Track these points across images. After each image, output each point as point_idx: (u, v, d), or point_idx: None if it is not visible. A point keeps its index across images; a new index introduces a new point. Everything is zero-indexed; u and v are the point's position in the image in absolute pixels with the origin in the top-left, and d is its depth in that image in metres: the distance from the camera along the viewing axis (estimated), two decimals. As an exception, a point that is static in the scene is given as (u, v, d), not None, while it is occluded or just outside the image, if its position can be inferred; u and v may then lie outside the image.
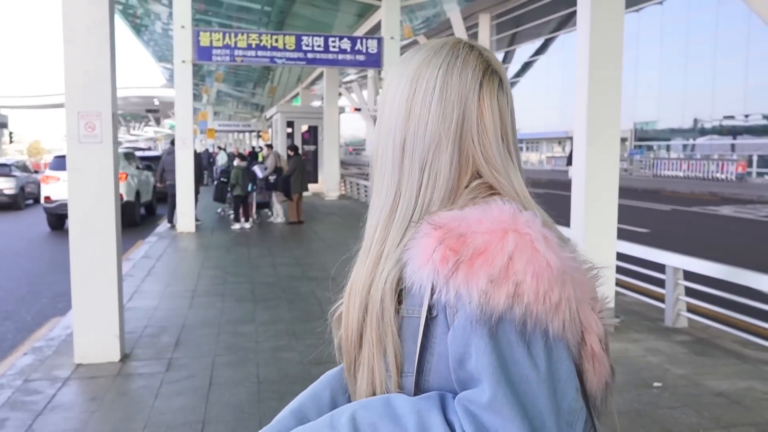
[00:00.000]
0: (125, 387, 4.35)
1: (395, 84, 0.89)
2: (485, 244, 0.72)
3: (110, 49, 4.73)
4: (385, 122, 0.90)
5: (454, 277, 0.72)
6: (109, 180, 4.79)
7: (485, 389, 0.70)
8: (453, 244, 0.73)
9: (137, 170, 15.08)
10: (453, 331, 0.73)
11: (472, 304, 0.71)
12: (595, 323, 0.77)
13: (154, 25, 21.17)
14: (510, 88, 0.91)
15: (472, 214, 0.76)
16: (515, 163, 0.88)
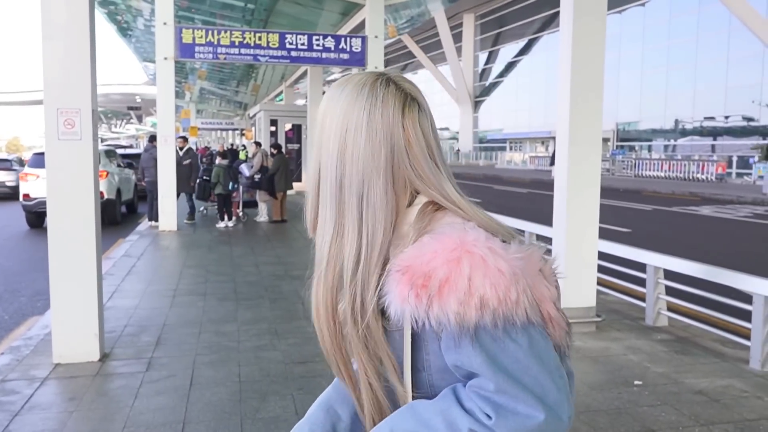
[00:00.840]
0: (104, 387, 4.30)
1: (328, 122, 1.00)
2: (447, 274, 0.85)
3: (90, 45, 4.67)
4: (323, 158, 1.01)
5: (430, 309, 0.85)
6: (89, 178, 4.73)
7: (489, 380, 0.85)
8: (421, 282, 0.86)
9: (118, 168, 14.89)
10: (444, 346, 0.89)
11: (451, 325, 0.85)
12: (547, 290, 0.92)
13: (136, 21, 20.97)
14: (428, 106, 1.04)
15: (428, 248, 0.89)
16: (444, 174, 1.00)
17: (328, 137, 1.00)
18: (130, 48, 26.54)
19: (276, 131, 22.13)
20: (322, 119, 1.02)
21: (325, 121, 1.01)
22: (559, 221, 5.61)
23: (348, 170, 0.97)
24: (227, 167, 12.88)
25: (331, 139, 0.99)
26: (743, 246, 10.84)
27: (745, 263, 7.81)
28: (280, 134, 21.99)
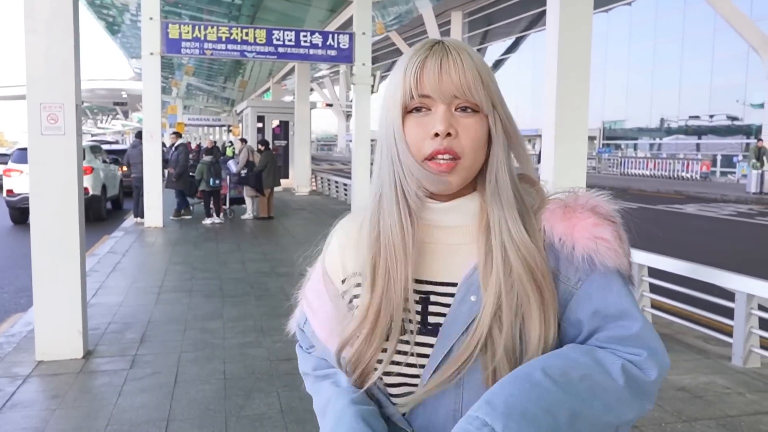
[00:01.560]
0: (88, 384, 4.27)
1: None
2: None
3: (74, 39, 4.62)
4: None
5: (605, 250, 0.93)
6: (73, 173, 4.68)
7: (635, 320, 0.92)
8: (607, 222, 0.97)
9: (104, 164, 14.73)
10: (588, 291, 0.93)
11: (614, 266, 0.93)
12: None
13: (122, 16, 20.80)
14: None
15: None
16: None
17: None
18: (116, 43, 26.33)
19: (263, 128, 22.06)
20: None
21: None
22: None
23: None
24: (210, 163, 12.82)
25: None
26: (727, 244, 10.95)
27: (728, 261, 7.89)
28: (267, 131, 21.92)
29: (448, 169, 0.91)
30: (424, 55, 0.92)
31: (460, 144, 0.91)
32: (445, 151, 0.90)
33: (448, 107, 0.91)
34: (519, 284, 0.91)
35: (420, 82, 0.91)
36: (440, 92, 0.90)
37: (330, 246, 1.07)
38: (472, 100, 0.91)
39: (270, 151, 13.69)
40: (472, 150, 0.92)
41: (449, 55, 0.91)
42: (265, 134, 21.35)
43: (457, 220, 0.97)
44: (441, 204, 0.98)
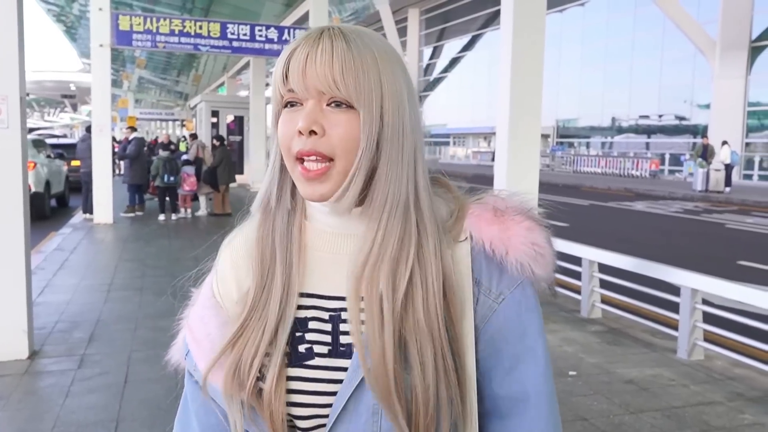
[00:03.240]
0: (33, 385, 4.14)
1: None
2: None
3: (18, 27, 4.47)
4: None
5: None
6: (17, 168, 4.53)
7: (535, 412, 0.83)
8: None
9: (48, 159, 14.00)
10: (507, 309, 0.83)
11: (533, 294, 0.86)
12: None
13: (71, 6, 20.21)
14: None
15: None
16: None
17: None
18: (65, 34, 25.57)
19: (218, 122, 21.74)
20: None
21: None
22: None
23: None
24: (167, 159, 12.56)
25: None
26: (673, 240, 11.29)
27: (674, 257, 8.14)
28: (221, 126, 21.61)
29: (317, 175, 0.79)
30: (295, 46, 0.80)
31: (328, 144, 0.78)
32: (309, 153, 0.78)
33: (317, 102, 0.79)
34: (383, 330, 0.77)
35: (286, 76, 0.80)
36: (303, 87, 0.79)
37: (219, 265, 0.95)
38: (339, 95, 0.78)
39: (225, 146, 13.51)
40: (344, 151, 0.78)
41: (320, 44, 0.78)
42: (219, 129, 21.04)
43: (353, 228, 0.85)
44: (328, 206, 0.84)
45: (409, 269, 0.79)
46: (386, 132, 0.80)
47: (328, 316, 0.84)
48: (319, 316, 0.84)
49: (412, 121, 0.83)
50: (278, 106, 0.84)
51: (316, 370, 0.82)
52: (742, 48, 25.25)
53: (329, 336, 0.83)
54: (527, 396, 0.81)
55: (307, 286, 0.86)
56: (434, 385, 0.76)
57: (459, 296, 0.80)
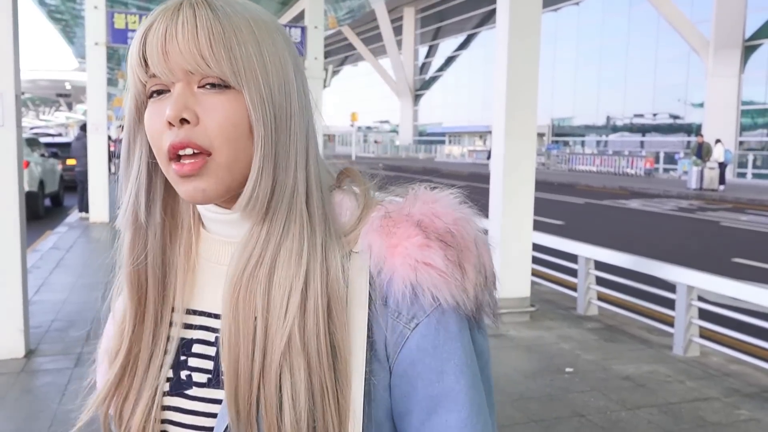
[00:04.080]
0: (30, 384, 4.13)
1: None
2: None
3: (12, 25, 4.45)
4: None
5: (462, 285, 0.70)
6: (12, 166, 4.52)
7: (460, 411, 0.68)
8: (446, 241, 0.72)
9: (42, 158, 13.79)
10: (411, 361, 0.68)
11: (460, 312, 0.69)
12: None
13: (66, 4, 20.15)
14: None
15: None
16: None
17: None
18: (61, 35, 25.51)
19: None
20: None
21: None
22: (495, 213, 5.72)
23: None
24: None
25: None
26: (669, 238, 11.32)
27: (670, 254, 8.16)
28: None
29: (193, 170, 0.65)
30: (151, 21, 0.66)
31: (204, 132, 0.65)
32: (182, 144, 0.64)
33: (186, 84, 0.65)
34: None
35: (144, 59, 0.66)
36: (167, 69, 0.65)
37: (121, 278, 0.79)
38: (210, 73, 0.65)
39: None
40: (224, 139, 0.65)
41: (180, 15, 0.64)
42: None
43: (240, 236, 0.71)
44: (221, 213, 0.72)
45: (289, 279, 0.66)
46: (277, 115, 0.67)
47: (214, 338, 0.71)
48: (204, 338, 0.72)
49: (301, 99, 0.69)
50: (140, 97, 0.69)
51: (193, 401, 0.70)
52: (736, 47, 25.36)
53: (212, 362, 0.71)
54: None
55: (195, 302, 0.74)
56: (308, 415, 0.63)
57: (347, 316, 0.66)
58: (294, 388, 0.63)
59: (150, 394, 0.71)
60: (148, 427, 0.71)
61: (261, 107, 0.65)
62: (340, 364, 0.65)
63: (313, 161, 0.70)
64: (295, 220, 0.68)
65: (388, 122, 61.92)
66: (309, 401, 0.63)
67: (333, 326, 0.65)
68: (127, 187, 0.72)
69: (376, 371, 0.66)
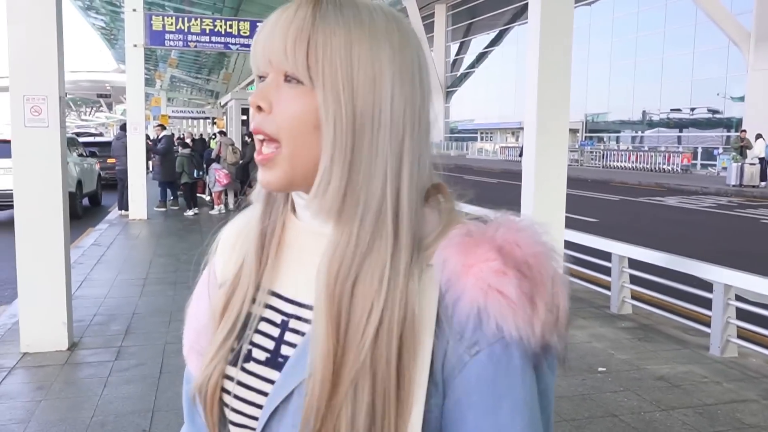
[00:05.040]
0: (73, 376, 4.28)
1: None
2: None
3: (57, 29, 4.60)
4: None
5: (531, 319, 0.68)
6: (56, 165, 4.68)
7: None
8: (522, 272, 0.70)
9: (80, 158, 13.86)
10: (466, 390, 0.67)
11: (526, 348, 0.67)
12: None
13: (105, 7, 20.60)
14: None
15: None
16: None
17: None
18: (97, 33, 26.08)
19: (248, 120, 21.96)
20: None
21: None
22: (526, 209, 5.71)
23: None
24: (190, 156, 12.88)
25: None
26: (706, 236, 11.11)
27: (707, 252, 8.03)
28: (251, 123, 21.84)
29: (264, 159, 0.70)
30: (270, 17, 0.72)
31: (273, 121, 0.69)
32: (256, 130, 0.70)
33: (275, 76, 0.69)
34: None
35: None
36: (262, 59, 0.70)
37: (219, 242, 0.86)
38: (286, 67, 0.68)
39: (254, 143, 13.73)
40: (287, 130, 0.68)
41: (285, 13, 0.69)
42: (249, 126, 21.26)
43: (324, 227, 0.72)
44: (305, 201, 0.73)
45: (370, 298, 0.65)
46: (357, 120, 0.67)
47: (280, 320, 0.74)
48: (271, 318, 0.74)
49: (399, 110, 0.68)
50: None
51: (249, 375, 0.73)
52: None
53: (273, 343, 0.73)
54: None
55: (275, 284, 0.76)
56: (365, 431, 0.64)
57: (414, 339, 0.65)
58: (356, 406, 0.64)
59: (217, 360, 0.74)
60: (209, 390, 0.74)
61: (335, 109, 0.66)
62: (403, 392, 0.64)
63: (408, 179, 0.68)
64: (381, 235, 0.67)
65: (420, 119, 61.84)
66: (368, 420, 0.63)
67: (402, 351, 0.64)
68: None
69: (430, 393, 0.65)
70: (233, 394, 0.73)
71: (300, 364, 0.68)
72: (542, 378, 0.66)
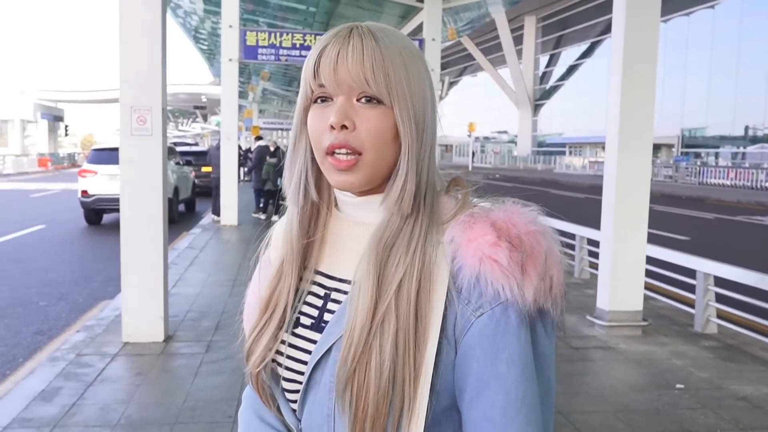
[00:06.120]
0: (168, 365, 4.64)
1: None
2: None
3: (162, 48, 5.02)
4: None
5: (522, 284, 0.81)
6: (158, 171, 5.08)
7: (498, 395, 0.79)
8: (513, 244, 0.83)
9: (177, 165, 14.38)
10: (471, 345, 0.80)
11: (521, 309, 0.80)
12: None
13: (204, 24, 21.76)
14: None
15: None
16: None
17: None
18: (196, 49, 27.53)
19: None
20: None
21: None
22: (607, 225, 5.66)
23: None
24: (275, 165, 13.45)
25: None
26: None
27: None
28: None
29: (347, 166, 0.83)
30: (325, 43, 0.84)
31: (358, 138, 0.82)
32: (340, 146, 0.82)
33: (347, 98, 0.83)
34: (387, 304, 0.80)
35: (317, 72, 0.84)
36: (335, 83, 0.82)
37: (274, 233, 1.01)
38: (370, 91, 0.82)
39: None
40: (372, 145, 0.82)
41: (350, 41, 0.82)
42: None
43: (369, 218, 0.88)
44: (352, 198, 0.89)
45: (398, 258, 0.82)
46: (420, 127, 0.84)
47: (323, 293, 0.90)
48: (316, 292, 0.91)
49: (433, 114, 0.87)
50: (307, 102, 0.87)
51: (299, 339, 0.89)
52: None
53: (317, 311, 0.89)
54: (489, 427, 0.77)
55: (321, 264, 0.92)
56: (390, 362, 0.77)
57: (430, 293, 0.80)
58: (383, 339, 0.78)
59: (273, 330, 0.91)
60: (268, 355, 0.90)
61: (408, 121, 0.82)
62: (420, 328, 0.78)
63: (433, 165, 0.87)
64: (412, 214, 0.84)
65: (506, 132, 61.17)
66: (393, 352, 0.78)
67: (420, 299, 0.79)
68: (294, 171, 0.92)
69: (444, 347, 0.79)
70: (285, 354, 0.89)
71: (338, 325, 0.84)
72: (539, 341, 0.79)
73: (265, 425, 0.96)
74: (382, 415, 0.77)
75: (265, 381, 0.92)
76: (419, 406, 0.77)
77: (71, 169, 41.08)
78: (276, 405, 0.94)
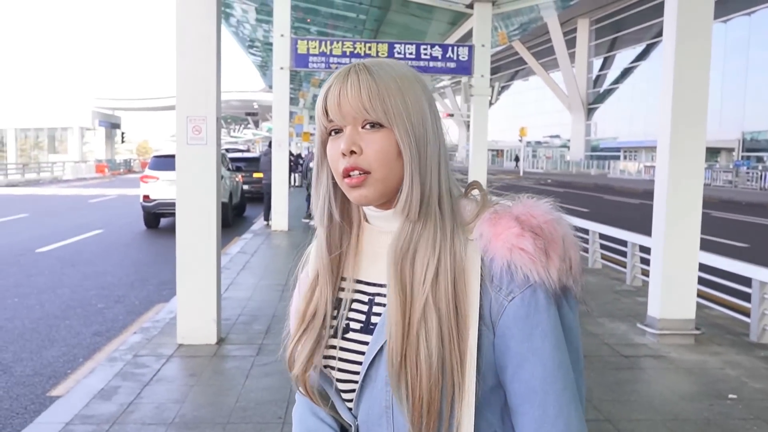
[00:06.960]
0: (220, 366, 4.80)
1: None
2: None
3: (216, 60, 5.21)
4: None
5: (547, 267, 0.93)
6: (212, 178, 5.26)
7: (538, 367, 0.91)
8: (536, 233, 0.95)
9: (228, 172, 14.81)
10: (506, 325, 0.92)
11: (547, 289, 0.92)
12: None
13: (256, 32, 22.24)
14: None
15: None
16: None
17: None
18: (249, 58, 28.16)
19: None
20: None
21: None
22: (658, 231, 5.57)
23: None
24: None
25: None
26: None
27: None
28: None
29: (358, 182, 0.94)
30: (329, 85, 0.97)
31: (366, 159, 0.93)
32: (352, 168, 0.94)
33: (353, 126, 0.94)
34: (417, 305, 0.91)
35: (326, 110, 0.96)
36: (341, 116, 0.94)
37: (307, 253, 1.13)
38: (370, 118, 0.93)
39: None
40: (380, 163, 0.93)
41: (349, 79, 0.94)
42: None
43: (393, 227, 0.99)
44: (376, 212, 1.01)
45: (426, 259, 0.92)
46: (420, 142, 0.95)
47: (367, 299, 1.00)
48: (360, 298, 1.01)
49: (434, 128, 0.97)
50: (323, 136, 0.99)
51: (350, 342, 0.98)
52: None
53: (364, 315, 0.99)
54: (532, 395, 0.88)
55: (359, 274, 1.03)
56: (438, 352, 0.88)
57: (465, 285, 0.91)
58: (428, 333, 0.89)
59: (313, 338, 1.00)
60: (314, 360, 1.00)
61: (407, 139, 0.93)
62: (461, 318, 0.90)
63: (444, 173, 0.97)
64: (431, 216, 0.94)
65: (558, 137, 60.29)
66: (439, 343, 0.89)
67: (457, 292, 0.91)
68: (319, 196, 1.03)
69: (483, 332, 0.90)
70: (338, 357, 0.99)
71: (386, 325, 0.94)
72: (565, 315, 0.91)
73: (317, 420, 1.06)
74: (436, 401, 0.88)
75: (313, 384, 1.01)
76: (468, 389, 0.89)
77: (127, 175, 42.52)
78: (328, 404, 1.03)
